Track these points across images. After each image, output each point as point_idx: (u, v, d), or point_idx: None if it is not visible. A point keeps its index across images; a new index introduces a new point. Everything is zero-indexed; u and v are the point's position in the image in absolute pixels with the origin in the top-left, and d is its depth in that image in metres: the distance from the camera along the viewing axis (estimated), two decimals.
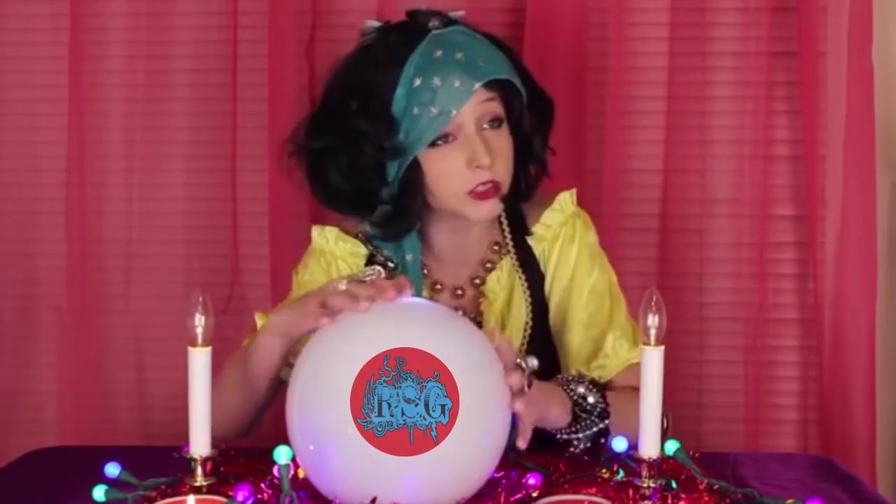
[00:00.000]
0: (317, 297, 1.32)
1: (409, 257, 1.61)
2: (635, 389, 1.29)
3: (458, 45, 1.53)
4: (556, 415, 1.39)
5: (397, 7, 2.14)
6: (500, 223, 1.67)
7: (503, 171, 1.55)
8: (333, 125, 1.56)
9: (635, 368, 1.46)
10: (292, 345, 1.41)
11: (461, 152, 1.52)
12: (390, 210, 1.59)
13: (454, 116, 1.51)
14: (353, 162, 1.55)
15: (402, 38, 1.55)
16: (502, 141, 1.55)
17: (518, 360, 1.28)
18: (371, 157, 1.54)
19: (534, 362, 1.30)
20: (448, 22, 1.57)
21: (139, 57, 2.38)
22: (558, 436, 1.42)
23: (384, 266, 1.60)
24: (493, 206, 1.56)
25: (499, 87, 1.54)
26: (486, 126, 1.53)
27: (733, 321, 2.35)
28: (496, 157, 1.53)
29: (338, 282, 1.32)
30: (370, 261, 1.64)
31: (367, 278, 1.29)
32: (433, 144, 1.53)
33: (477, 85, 1.50)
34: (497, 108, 1.54)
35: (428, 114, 1.50)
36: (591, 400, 1.43)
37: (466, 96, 1.50)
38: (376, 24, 1.60)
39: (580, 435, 1.42)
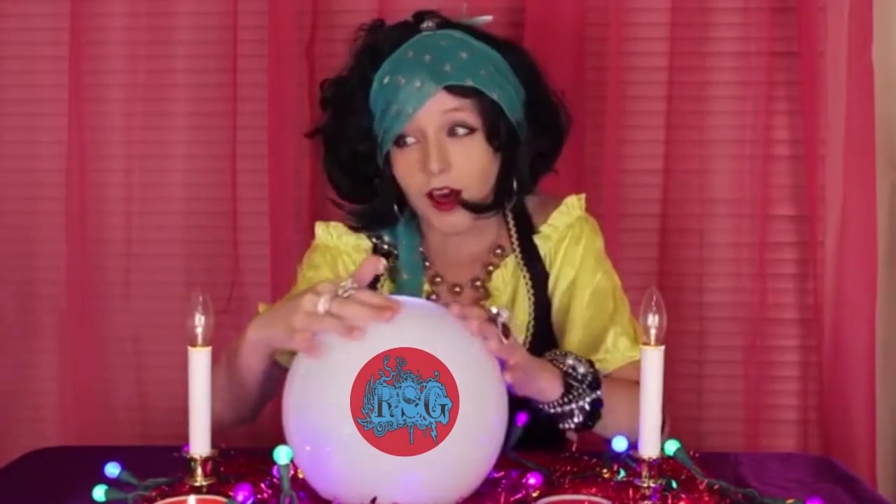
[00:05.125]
0: (299, 318, 1.25)
1: (402, 244, 1.63)
2: (634, 383, 1.29)
3: (433, 47, 1.53)
4: (547, 384, 1.38)
5: (397, 7, 2.15)
6: (507, 222, 1.67)
7: (464, 179, 1.54)
8: (333, 114, 1.61)
9: (635, 365, 1.46)
10: (276, 352, 1.39)
11: (418, 155, 1.53)
12: (373, 202, 1.63)
13: (412, 116, 1.51)
14: (346, 151, 1.60)
15: (391, 37, 1.57)
16: (467, 149, 1.54)
17: (489, 315, 1.26)
18: (355, 147, 1.59)
19: (505, 314, 1.28)
20: (444, 24, 1.58)
21: (139, 57, 2.38)
22: (552, 409, 1.40)
23: (387, 257, 1.62)
24: (460, 218, 1.56)
25: (474, 96, 1.52)
26: (452, 133, 1.53)
27: (733, 321, 2.35)
28: (454, 165, 1.53)
29: (318, 298, 1.25)
30: (375, 251, 1.65)
31: (346, 294, 1.24)
32: (399, 144, 1.55)
33: (435, 87, 1.51)
34: (466, 116, 1.53)
35: (391, 112, 1.52)
36: (581, 370, 1.41)
37: (425, 98, 1.51)
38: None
39: (573, 406, 1.40)
